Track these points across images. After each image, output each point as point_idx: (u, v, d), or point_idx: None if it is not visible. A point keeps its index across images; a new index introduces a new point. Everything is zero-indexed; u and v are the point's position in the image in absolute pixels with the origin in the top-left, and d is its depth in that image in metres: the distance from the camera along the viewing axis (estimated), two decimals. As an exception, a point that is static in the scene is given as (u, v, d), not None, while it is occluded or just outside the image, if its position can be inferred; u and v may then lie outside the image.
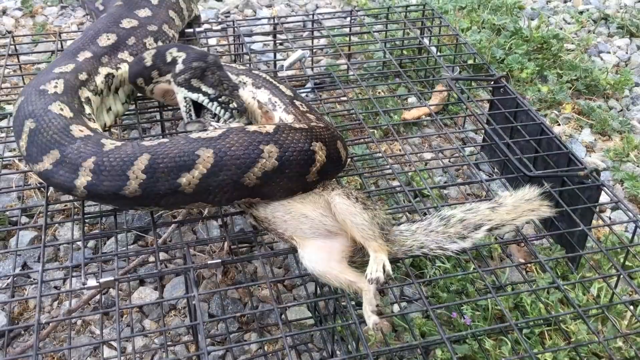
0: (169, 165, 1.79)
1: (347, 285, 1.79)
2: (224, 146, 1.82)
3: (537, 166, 2.47)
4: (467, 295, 2.16)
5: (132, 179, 1.79)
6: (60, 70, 2.23)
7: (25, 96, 2.11)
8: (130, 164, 1.79)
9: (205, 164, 1.80)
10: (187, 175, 1.79)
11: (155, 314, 2.24)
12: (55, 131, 1.93)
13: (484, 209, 1.95)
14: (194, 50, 2.27)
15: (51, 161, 1.88)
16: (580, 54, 3.56)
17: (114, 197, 1.84)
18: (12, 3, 4.08)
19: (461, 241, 1.90)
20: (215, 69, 2.18)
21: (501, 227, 1.95)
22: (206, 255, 2.41)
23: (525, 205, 1.97)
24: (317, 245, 1.87)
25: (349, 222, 1.84)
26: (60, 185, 1.89)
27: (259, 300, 2.28)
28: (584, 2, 4.26)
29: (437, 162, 2.86)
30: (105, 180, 1.81)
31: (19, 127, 2.03)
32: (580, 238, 2.22)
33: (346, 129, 2.86)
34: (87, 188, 1.83)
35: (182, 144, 1.83)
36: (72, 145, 1.88)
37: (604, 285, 2.18)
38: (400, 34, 3.42)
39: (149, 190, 1.81)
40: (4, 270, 2.33)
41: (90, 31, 2.48)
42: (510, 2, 3.85)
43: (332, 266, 1.81)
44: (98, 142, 1.90)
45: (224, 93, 2.14)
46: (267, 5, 4.17)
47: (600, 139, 3.10)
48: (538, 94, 3.25)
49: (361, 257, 1.88)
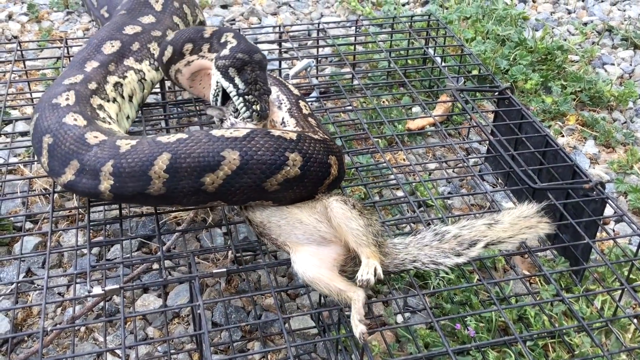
0: (192, 165, 1.81)
1: (337, 293, 1.79)
2: (250, 149, 1.84)
3: (541, 178, 2.47)
4: (471, 307, 2.16)
5: (155, 179, 1.81)
6: (69, 82, 2.25)
7: (39, 112, 2.13)
8: (150, 164, 1.81)
9: (230, 165, 1.83)
10: (212, 175, 1.82)
11: (158, 322, 2.24)
12: (71, 142, 1.95)
13: (479, 225, 1.93)
14: (246, 42, 2.26)
15: (73, 171, 1.91)
16: (584, 66, 3.57)
17: (141, 197, 1.87)
18: (18, 8, 4.10)
19: (456, 257, 1.88)
20: (256, 68, 2.17)
21: (497, 244, 1.92)
22: (210, 262, 2.41)
23: (523, 223, 1.95)
24: (309, 252, 1.88)
25: (344, 226, 1.85)
26: (87, 193, 1.92)
27: (262, 308, 2.28)
28: (588, 14, 4.27)
29: (441, 172, 2.87)
30: (129, 182, 1.83)
31: (39, 144, 2.06)
32: (584, 250, 2.22)
33: (351, 139, 2.86)
34: (113, 191, 1.86)
35: (205, 142, 1.84)
36: (89, 152, 1.90)
37: (608, 298, 2.18)
38: (405, 44, 3.43)
39: (172, 189, 1.83)
40: (8, 276, 2.33)
41: (94, 40, 2.49)
42: (514, 13, 3.86)
43: (323, 273, 1.82)
44: (113, 144, 1.91)
45: (252, 92, 2.14)
46: (273, 13, 4.19)
47: (604, 150, 3.11)
48: (542, 105, 3.25)
49: (352, 266, 1.89)
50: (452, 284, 2.26)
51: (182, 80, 2.45)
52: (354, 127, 3.03)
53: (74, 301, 2.23)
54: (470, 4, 4.02)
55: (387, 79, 3.35)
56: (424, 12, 3.99)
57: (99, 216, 2.49)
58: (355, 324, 1.73)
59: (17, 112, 3.09)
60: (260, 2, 4.30)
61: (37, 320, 2.22)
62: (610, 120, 3.28)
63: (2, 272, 2.35)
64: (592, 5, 4.36)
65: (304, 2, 4.34)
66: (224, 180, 1.84)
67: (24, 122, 3.00)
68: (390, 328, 2.08)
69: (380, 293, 2.32)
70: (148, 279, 2.34)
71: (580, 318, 1.86)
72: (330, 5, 4.34)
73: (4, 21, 3.94)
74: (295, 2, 4.32)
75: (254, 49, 2.23)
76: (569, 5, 4.39)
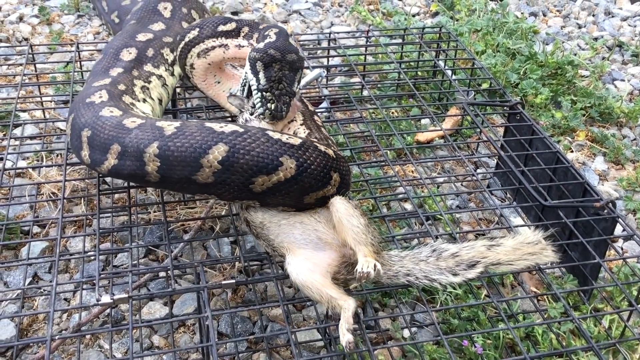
0: (249, 163, 1.82)
1: (327, 300, 1.79)
2: (306, 161, 1.87)
3: (551, 194, 2.46)
4: (479, 323, 2.15)
5: (206, 167, 1.81)
6: (99, 84, 2.27)
7: (74, 112, 2.14)
8: (204, 152, 1.80)
9: (286, 173, 1.85)
10: (265, 177, 1.84)
11: (164, 330, 2.23)
12: (110, 129, 1.96)
13: (479, 246, 1.90)
14: (284, 41, 2.22)
15: (114, 155, 1.91)
16: (594, 81, 3.56)
17: (186, 183, 1.87)
18: (29, 10, 4.11)
19: (452, 276, 1.86)
20: (285, 67, 2.15)
21: (497, 267, 1.89)
22: (217, 272, 2.40)
23: (526, 249, 1.92)
24: (304, 255, 1.88)
25: (345, 222, 1.86)
26: (133, 176, 1.92)
27: (268, 319, 2.27)
28: (598, 29, 4.26)
29: (450, 185, 2.86)
30: (177, 165, 1.83)
31: (77, 141, 2.06)
32: (593, 268, 2.21)
33: (361, 151, 2.85)
34: (160, 173, 1.86)
35: (263, 143, 1.84)
36: (129, 135, 1.90)
37: (616, 317, 2.17)
38: (415, 55, 3.43)
39: (221, 180, 1.84)
40: (15, 280, 2.33)
41: (109, 49, 2.50)
42: (525, 26, 3.85)
43: (316, 278, 1.82)
44: (154, 126, 1.91)
45: (272, 91, 2.12)
46: (283, 21, 4.19)
47: (613, 167, 3.10)
48: (552, 120, 3.25)
49: (345, 274, 1.89)
50: (460, 299, 2.25)
51: (197, 74, 2.44)
52: (363, 138, 3.03)
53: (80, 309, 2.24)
54: (481, 17, 4.02)
55: (396, 90, 3.34)
56: (435, 24, 3.99)
57: (107, 222, 2.48)
58: (342, 332, 1.72)
59: (27, 115, 3.09)
60: (271, 9, 4.31)
61: (42, 326, 2.21)
62: (619, 136, 3.27)
63: (9, 276, 2.35)
64: (602, 20, 4.36)
65: (314, 11, 4.34)
66: (273, 185, 1.85)
67: (33, 125, 3.00)
68: (398, 345, 2.06)
69: (387, 307, 2.31)
70: (154, 286, 2.33)
71: (589, 337, 1.85)
72: (341, 14, 4.34)
73: (15, 23, 3.95)
74: (305, 11, 4.32)
75: (290, 48, 2.19)
76: (580, 20, 4.38)
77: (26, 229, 2.53)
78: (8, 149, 2.46)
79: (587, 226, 2.23)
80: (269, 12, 4.26)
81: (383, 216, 2.27)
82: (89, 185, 2.69)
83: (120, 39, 2.57)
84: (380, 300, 2.31)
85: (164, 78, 2.54)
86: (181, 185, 1.92)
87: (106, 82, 2.28)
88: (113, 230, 2.20)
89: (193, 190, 1.94)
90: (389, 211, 2.68)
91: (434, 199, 2.37)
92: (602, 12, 4.47)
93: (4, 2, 4.18)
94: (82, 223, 2.54)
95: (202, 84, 2.49)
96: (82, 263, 2.30)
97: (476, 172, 2.80)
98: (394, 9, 4.32)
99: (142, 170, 1.87)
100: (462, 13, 4.18)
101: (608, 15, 4.46)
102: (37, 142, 2.94)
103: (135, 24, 2.71)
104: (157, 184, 1.96)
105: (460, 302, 2.24)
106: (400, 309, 2.16)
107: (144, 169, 1.87)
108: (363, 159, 2.90)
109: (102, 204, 2.26)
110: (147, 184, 1.98)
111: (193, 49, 2.41)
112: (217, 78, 2.49)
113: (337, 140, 2.83)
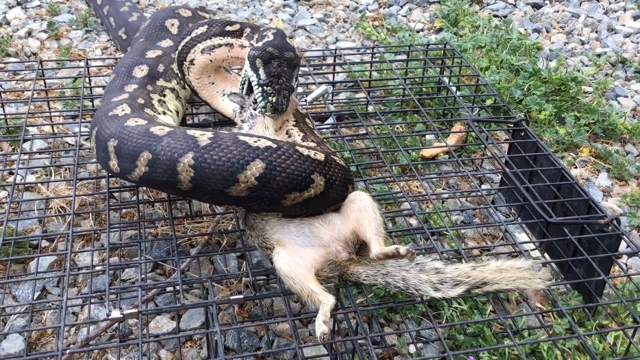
0: (285, 180, 1.85)
1: (308, 294, 1.84)
2: (332, 177, 1.94)
3: (555, 211, 2.48)
4: (484, 339, 2.16)
5: (242, 183, 1.84)
6: (118, 99, 2.29)
7: (97, 126, 2.15)
8: (242, 168, 1.83)
9: (316, 190, 1.90)
10: (297, 194, 1.88)
11: (171, 344, 2.24)
12: (138, 137, 1.96)
13: (464, 267, 1.92)
14: (281, 40, 2.28)
15: (144, 163, 1.91)
16: (597, 97, 3.58)
17: (219, 195, 1.89)
18: (38, 25, 4.15)
19: (432, 290, 1.87)
20: (284, 64, 2.20)
21: (483, 287, 1.88)
22: (223, 286, 2.42)
23: (514, 273, 1.90)
24: (292, 249, 1.93)
25: (370, 212, 1.94)
26: (164, 184, 1.93)
27: (274, 334, 2.29)
28: (601, 45, 4.30)
29: (455, 200, 2.88)
30: (212, 178, 1.84)
31: (104, 152, 2.07)
32: (598, 285, 2.23)
33: (367, 167, 2.88)
34: (192, 183, 1.87)
35: (296, 159, 1.87)
36: (160, 143, 1.90)
37: (621, 334, 2.18)
38: (420, 72, 3.46)
39: (255, 195, 1.87)
40: (24, 294, 2.35)
41: (121, 68, 2.54)
42: (528, 43, 3.89)
43: (300, 271, 1.87)
44: (186, 134, 1.91)
45: (273, 85, 2.16)
46: (289, 37, 4.22)
47: (617, 183, 3.12)
48: (555, 136, 3.27)
49: (327, 272, 1.94)
50: (465, 315, 2.26)
51: (194, 71, 2.46)
52: (368, 153, 3.05)
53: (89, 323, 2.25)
54: (485, 33, 4.06)
55: (401, 106, 3.37)
56: (439, 40, 4.03)
57: (114, 236, 2.50)
58: (319, 324, 1.77)
59: (35, 129, 3.12)
60: (277, 25, 4.35)
61: (50, 339, 2.23)
62: (623, 153, 3.29)
63: (17, 290, 2.37)
64: (605, 37, 4.39)
65: (320, 26, 4.38)
66: (303, 201, 1.90)
67: (41, 140, 3.03)
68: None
69: (393, 322, 2.32)
70: (162, 300, 2.35)
71: (594, 354, 1.86)
72: (346, 30, 4.38)
73: (23, 38, 3.99)
74: (310, 26, 4.37)
75: (287, 46, 2.25)
76: (583, 36, 4.42)
77: (34, 242, 2.55)
78: (18, 164, 2.48)
79: (592, 243, 2.25)
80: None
81: (389, 231, 2.29)
82: (97, 200, 2.71)
83: (131, 58, 2.61)
84: (386, 315, 2.33)
85: (177, 91, 2.59)
86: (211, 196, 1.94)
87: (125, 97, 2.31)
88: (121, 245, 2.22)
89: (222, 201, 1.98)
90: (394, 226, 2.69)
91: (440, 214, 2.39)
92: (604, 28, 4.51)
93: (13, 17, 4.23)
94: (90, 237, 2.56)
95: (196, 81, 2.51)
96: (90, 277, 2.32)
97: (481, 188, 2.82)
98: (399, 24, 4.36)
99: (173, 178, 1.88)
100: (465, 29, 4.22)
101: (611, 32, 4.49)
102: (46, 157, 2.97)
103: (144, 42, 2.76)
104: (187, 193, 1.96)
105: (465, 317, 2.26)
106: (406, 325, 2.17)
107: (176, 178, 1.88)
108: (369, 175, 2.92)
109: (110, 219, 2.28)
110: (175, 192, 2.00)
111: (198, 44, 2.44)
112: (212, 79, 2.52)
113: (343, 156, 2.85)
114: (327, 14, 4.58)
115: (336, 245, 1.95)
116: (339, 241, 1.96)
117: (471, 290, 1.87)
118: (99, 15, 4.16)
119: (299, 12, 4.57)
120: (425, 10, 4.73)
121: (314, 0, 4.77)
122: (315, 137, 2.32)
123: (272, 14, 4.54)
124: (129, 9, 3.84)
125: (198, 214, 2.65)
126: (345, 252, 1.96)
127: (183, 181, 1.88)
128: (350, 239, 1.98)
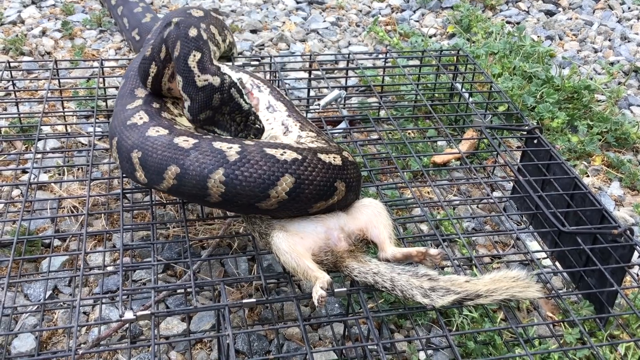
0: (313, 192, 1.89)
1: (304, 270, 1.87)
2: (351, 180, 2.00)
3: (568, 220, 2.47)
4: (495, 347, 2.16)
5: (273, 197, 1.87)
6: (133, 106, 2.29)
7: (117, 136, 2.16)
8: (272, 184, 1.85)
9: (339, 196, 1.96)
10: (323, 203, 1.93)
11: (181, 346, 2.25)
12: (163, 150, 1.96)
13: (458, 278, 1.93)
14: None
15: (172, 177, 1.92)
16: (610, 106, 3.57)
17: (249, 208, 1.92)
18: (52, 24, 4.18)
19: (421, 296, 1.88)
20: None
21: (477, 299, 1.89)
22: (234, 289, 2.42)
23: (508, 283, 1.92)
24: (291, 232, 1.97)
25: (384, 218, 2.03)
26: (194, 196, 1.94)
27: (284, 337, 2.29)
28: (614, 54, 4.28)
29: (466, 207, 2.87)
30: (243, 194, 1.86)
31: (128, 163, 2.07)
32: (609, 295, 2.22)
33: (379, 172, 2.87)
34: (223, 197, 1.89)
35: (321, 169, 1.91)
36: (188, 157, 1.91)
37: (632, 345, 2.17)
38: (432, 77, 3.46)
39: (284, 207, 1.91)
40: (35, 293, 2.36)
41: (130, 72, 2.54)
42: (541, 50, 3.88)
43: (297, 249, 1.91)
44: (212, 147, 1.92)
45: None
46: (301, 40, 4.24)
47: (629, 193, 3.10)
48: (568, 144, 3.26)
49: (322, 257, 1.97)
50: (476, 322, 2.26)
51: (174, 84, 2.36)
52: (380, 158, 3.05)
53: (100, 324, 2.26)
54: (498, 40, 4.05)
55: (413, 112, 3.37)
56: (451, 46, 4.03)
57: (126, 237, 2.51)
58: (316, 290, 1.79)
59: (49, 128, 3.13)
60: (289, 28, 4.35)
61: (61, 339, 2.24)
62: (636, 162, 3.28)
63: (29, 289, 2.38)
64: (618, 45, 4.38)
65: (332, 30, 4.39)
66: (325, 207, 1.96)
67: (55, 139, 3.04)
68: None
69: (403, 328, 2.32)
70: (172, 302, 2.36)
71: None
72: (358, 34, 4.39)
73: (38, 37, 4.01)
74: (323, 30, 4.37)
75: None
76: (596, 44, 4.41)
77: (46, 242, 2.56)
78: (33, 163, 2.49)
79: (605, 252, 2.24)
80: (287, 31, 4.30)
81: (401, 237, 2.29)
82: (110, 200, 2.72)
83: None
84: (396, 321, 2.33)
85: None
86: (240, 208, 1.97)
87: (138, 103, 2.31)
88: (133, 247, 2.23)
89: (250, 211, 1.99)
90: (405, 232, 2.69)
91: (452, 221, 2.39)
92: (618, 36, 4.49)
93: (27, 16, 4.26)
94: (102, 237, 2.57)
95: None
96: (102, 278, 2.33)
97: (492, 195, 2.81)
98: (411, 29, 4.37)
99: (204, 192, 1.90)
100: (478, 35, 4.21)
101: (624, 40, 4.48)
102: (59, 156, 2.98)
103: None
104: (216, 205, 1.98)
105: (476, 325, 2.25)
106: (416, 331, 2.17)
107: (206, 192, 1.89)
108: (380, 180, 2.92)
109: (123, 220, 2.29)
110: (204, 203, 2.02)
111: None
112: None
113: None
114: (339, 18, 4.59)
115: (339, 233, 1.99)
116: (343, 231, 2.00)
117: (463, 302, 1.89)
118: (113, 15, 4.18)
119: (312, 15, 4.58)
120: (438, 15, 4.73)
121: (327, 4, 4.77)
122: (312, 126, 2.33)
123: (284, 17, 4.55)
124: (143, 10, 3.86)
125: (209, 216, 2.65)
126: (346, 242, 1.99)
127: (213, 195, 1.90)
128: (354, 234, 2.02)
